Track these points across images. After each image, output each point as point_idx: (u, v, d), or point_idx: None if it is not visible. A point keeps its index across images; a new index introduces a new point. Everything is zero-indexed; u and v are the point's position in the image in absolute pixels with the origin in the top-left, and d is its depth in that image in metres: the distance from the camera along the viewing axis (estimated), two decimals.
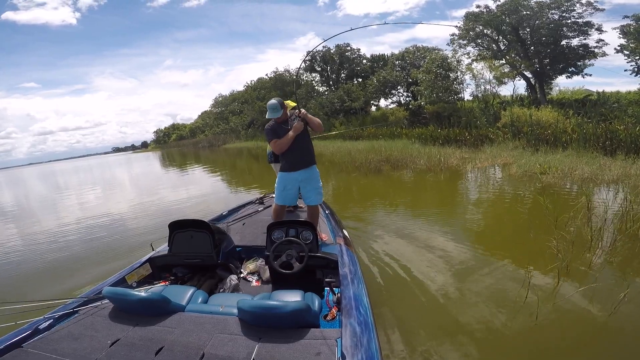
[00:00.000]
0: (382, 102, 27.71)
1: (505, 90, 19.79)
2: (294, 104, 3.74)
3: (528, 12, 16.38)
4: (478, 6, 18.24)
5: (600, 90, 18.38)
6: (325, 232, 3.12)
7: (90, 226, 7.15)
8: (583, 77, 17.41)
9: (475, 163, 8.86)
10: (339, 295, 1.94)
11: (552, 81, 19.13)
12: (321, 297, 2.08)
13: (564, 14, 15.89)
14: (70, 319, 1.79)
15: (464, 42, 19.14)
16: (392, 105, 25.96)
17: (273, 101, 2.95)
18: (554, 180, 6.46)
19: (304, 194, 3.15)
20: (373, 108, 28.11)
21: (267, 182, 8.88)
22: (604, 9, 15.51)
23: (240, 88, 44.79)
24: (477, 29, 18.44)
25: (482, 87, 18.09)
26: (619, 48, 15.50)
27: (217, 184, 12.42)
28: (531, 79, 18.88)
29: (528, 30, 17.15)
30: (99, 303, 1.91)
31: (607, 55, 16.03)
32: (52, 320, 1.76)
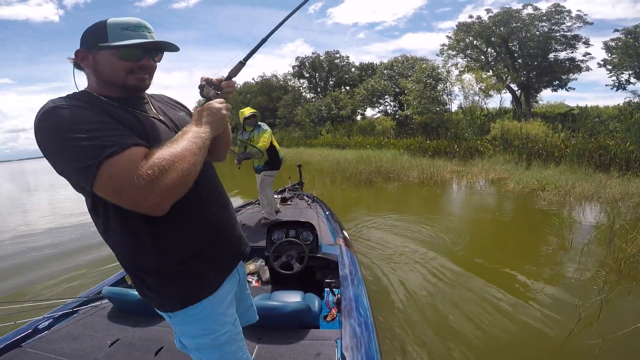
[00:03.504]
0: (369, 112, 27.60)
1: (491, 103, 19.97)
2: (250, 112, 3.58)
3: (519, 24, 16.55)
4: (470, 16, 18.42)
5: (575, 104, 18.77)
6: (325, 233, 2.99)
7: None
8: (567, 91, 17.74)
9: (470, 177, 8.47)
10: (339, 296, 1.93)
11: (538, 94, 19.40)
12: (321, 298, 2.05)
13: (554, 27, 16.13)
14: (70, 319, 1.77)
15: (454, 52, 19.19)
16: (378, 115, 25.81)
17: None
18: (556, 198, 6.09)
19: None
20: (359, 117, 27.90)
21: (247, 188, 8.23)
22: (593, 23, 15.82)
23: None
24: (467, 40, 18.53)
25: (470, 99, 18.06)
26: (602, 63, 15.81)
27: None
28: (517, 92, 19.07)
29: (517, 42, 17.33)
30: (98, 303, 1.91)
31: (592, 69, 16.37)
32: (51, 320, 1.74)
